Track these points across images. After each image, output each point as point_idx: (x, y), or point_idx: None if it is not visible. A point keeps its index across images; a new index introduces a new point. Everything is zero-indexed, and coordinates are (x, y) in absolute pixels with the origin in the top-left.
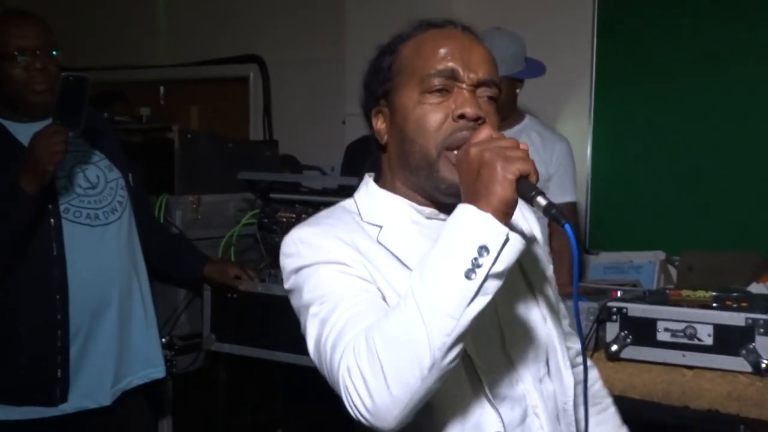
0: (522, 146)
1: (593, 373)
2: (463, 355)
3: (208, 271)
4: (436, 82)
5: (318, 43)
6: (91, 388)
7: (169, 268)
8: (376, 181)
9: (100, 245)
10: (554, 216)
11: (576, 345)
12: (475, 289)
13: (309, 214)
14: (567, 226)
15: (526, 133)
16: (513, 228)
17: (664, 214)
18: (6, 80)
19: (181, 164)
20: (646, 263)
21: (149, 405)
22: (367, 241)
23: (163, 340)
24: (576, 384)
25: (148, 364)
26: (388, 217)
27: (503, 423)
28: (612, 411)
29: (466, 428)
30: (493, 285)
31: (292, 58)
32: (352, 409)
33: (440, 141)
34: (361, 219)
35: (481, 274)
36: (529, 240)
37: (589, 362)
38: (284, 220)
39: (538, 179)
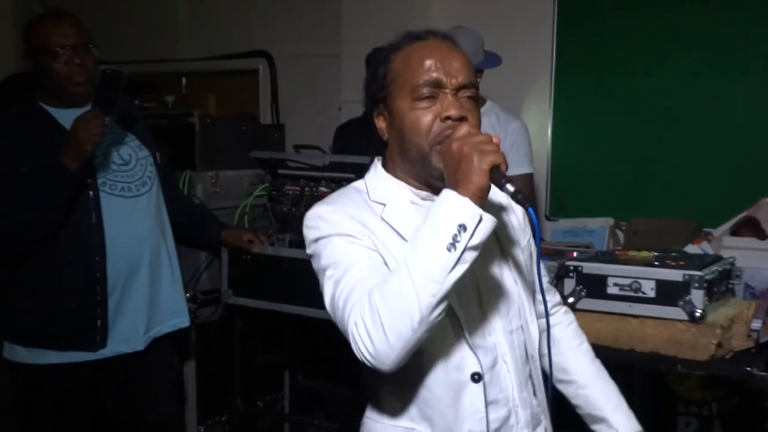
0: (494, 140)
1: (570, 317)
2: (449, 311)
3: (225, 236)
4: (424, 91)
5: (318, 40)
6: (127, 335)
7: (192, 234)
8: (383, 166)
9: (132, 214)
10: (520, 201)
11: (552, 299)
12: (456, 259)
13: (311, 187)
14: (531, 210)
15: (486, 116)
16: (488, 207)
17: (614, 185)
18: (49, 73)
19: (201, 145)
20: (598, 228)
21: (176, 350)
22: (373, 217)
23: (188, 294)
24: (544, 330)
25: (175, 315)
26: (391, 197)
27: (481, 366)
28: (585, 347)
29: (450, 369)
30: (471, 255)
31: (296, 53)
32: (358, 354)
33: (431, 139)
34: (369, 198)
35: (460, 247)
36: (503, 211)
37: (565, 309)
38: (290, 192)
39: (507, 168)
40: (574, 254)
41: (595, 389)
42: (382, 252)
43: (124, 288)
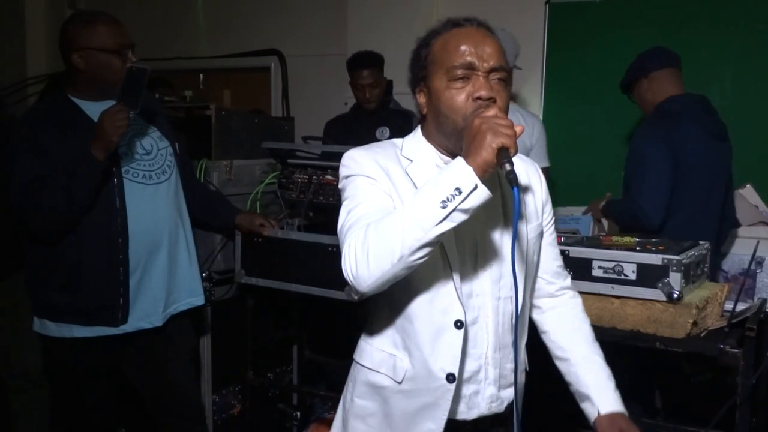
0: (517, 128)
1: (576, 301)
2: (445, 263)
3: (238, 220)
4: (459, 72)
5: (326, 40)
6: (147, 312)
7: (207, 218)
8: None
9: (153, 200)
10: (510, 180)
11: (561, 282)
12: (445, 215)
13: (318, 176)
14: (515, 189)
15: (512, 114)
16: (497, 181)
17: (600, 177)
18: (109, 70)
19: (217, 135)
20: (584, 216)
21: (193, 326)
22: (398, 169)
23: (204, 274)
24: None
25: (192, 294)
26: (419, 156)
27: (465, 317)
28: (585, 329)
29: (435, 310)
30: (459, 216)
31: (305, 52)
32: (344, 272)
33: (464, 116)
34: (401, 153)
35: (450, 206)
36: (524, 192)
37: (573, 293)
38: (299, 180)
39: (516, 152)
40: (562, 239)
41: (584, 368)
42: (395, 199)
43: (144, 268)
